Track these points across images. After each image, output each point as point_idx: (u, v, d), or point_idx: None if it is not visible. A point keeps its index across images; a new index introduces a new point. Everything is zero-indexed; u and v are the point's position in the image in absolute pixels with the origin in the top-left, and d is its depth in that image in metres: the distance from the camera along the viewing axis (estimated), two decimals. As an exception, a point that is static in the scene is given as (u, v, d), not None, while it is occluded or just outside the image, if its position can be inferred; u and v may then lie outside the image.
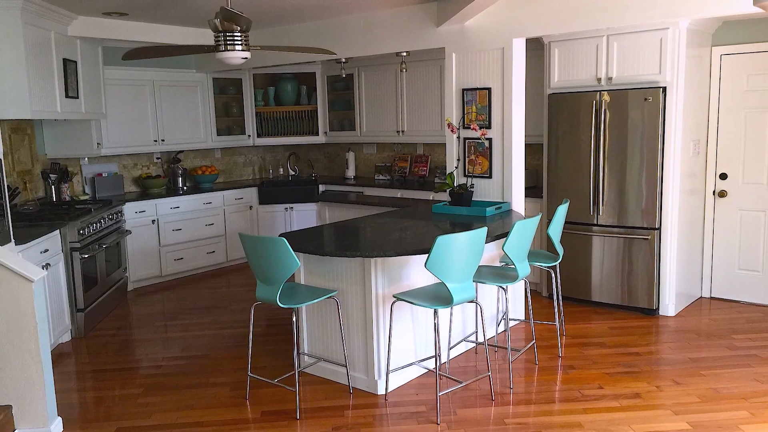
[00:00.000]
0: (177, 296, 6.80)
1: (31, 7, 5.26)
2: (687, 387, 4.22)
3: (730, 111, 5.84)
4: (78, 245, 5.51)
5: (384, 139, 7.88)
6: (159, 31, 6.79)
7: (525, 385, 4.33)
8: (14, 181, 5.95)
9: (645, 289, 5.67)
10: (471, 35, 5.54)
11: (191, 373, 4.72)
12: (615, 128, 5.62)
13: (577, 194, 5.92)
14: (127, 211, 6.90)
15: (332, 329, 4.45)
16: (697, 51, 5.58)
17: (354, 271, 4.23)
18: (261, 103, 8.53)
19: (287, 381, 4.45)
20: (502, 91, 5.44)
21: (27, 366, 3.57)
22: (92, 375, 4.76)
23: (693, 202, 5.85)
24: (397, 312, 4.32)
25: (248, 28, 4.44)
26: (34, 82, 5.33)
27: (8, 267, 3.47)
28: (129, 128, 7.32)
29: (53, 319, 5.14)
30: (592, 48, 5.68)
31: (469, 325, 5.07)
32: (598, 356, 4.77)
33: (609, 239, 5.80)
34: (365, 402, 4.14)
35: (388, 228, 4.71)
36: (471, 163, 5.71)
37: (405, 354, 4.44)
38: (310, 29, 6.74)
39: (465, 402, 4.11)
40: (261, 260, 3.87)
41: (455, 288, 3.82)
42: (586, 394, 4.15)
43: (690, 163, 5.70)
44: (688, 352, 4.82)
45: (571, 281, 6.07)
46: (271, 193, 8.14)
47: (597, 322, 5.56)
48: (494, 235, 4.40)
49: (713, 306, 5.92)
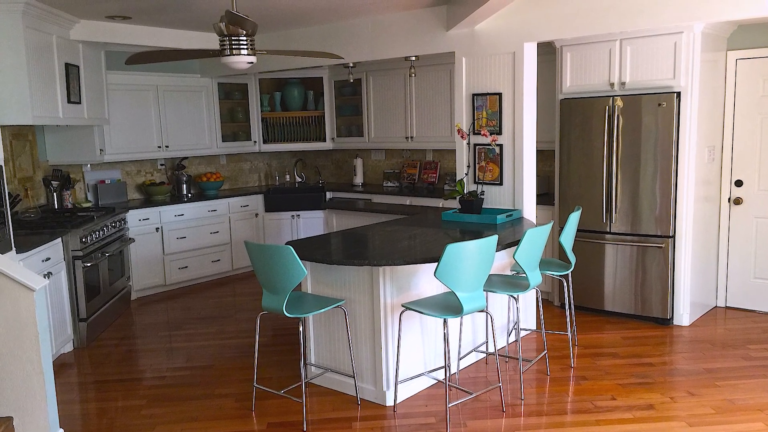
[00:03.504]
0: (181, 305, 6.79)
1: (32, 10, 5.26)
2: (702, 398, 4.19)
3: (745, 116, 5.82)
4: (80, 253, 5.51)
5: (392, 145, 7.87)
6: (163, 35, 6.79)
7: (536, 397, 4.31)
8: (15, 188, 5.93)
9: (659, 299, 5.63)
10: (481, 39, 5.53)
11: (196, 384, 4.71)
12: (628, 134, 5.60)
13: (589, 201, 5.90)
14: (130, 218, 6.88)
15: (340, 339, 4.43)
16: (712, 55, 5.56)
17: (362, 280, 4.22)
18: (267, 109, 8.54)
19: (294, 392, 4.45)
20: (513, 96, 5.43)
21: (28, 377, 3.55)
22: (95, 386, 4.76)
23: (708, 209, 5.82)
24: (405, 322, 4.30)
25: (254, 32, 4.45)
26: (35, 87, 5.32)
27: (9, 276, 3.46)
28: (132, 134, 7.31)
29: (55, 329, 5.14)
30: (605, 52, 5.66)
31: (480, 335, 5.06)
32: (611, 367, 4.75)
33: (622, 247, 5.77)
34: (373, 414, 4.12)
35: (397, 236, 4.71)
36: (481, 169, 5.70)
37: (414, 364, 4.42)
38: (317, 33, 6.75)
39: (475, 413, 4.08)
40: (267, 269, 3.86)
41: (465, 297, 3.80)
42: (599, 406, 4.12)
43: (705, 169, 5.67)
44: (703, 362, 4.80)
45: (584, 290, 6.05)
46: (277, 201, 8.13)
47: (610, 332, 5.54)
48: (505, 243, 4.40)
49: (728, 315, 5.89)
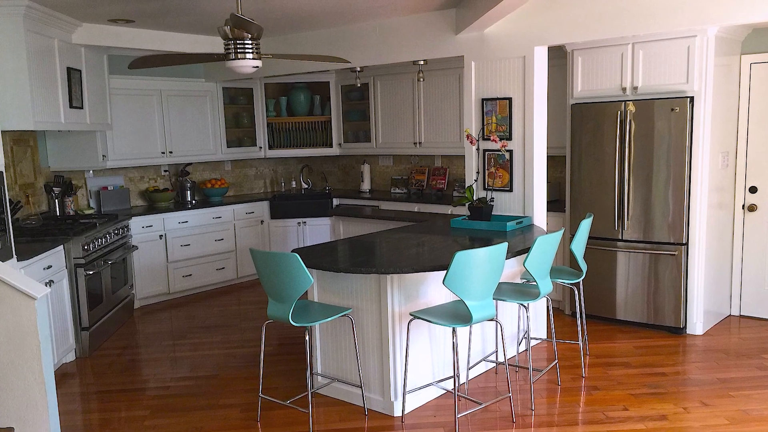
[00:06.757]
0: (185, 314, 6.77)
1: (33, 14, 5.25)
2: (715, 409, 4.16)
3: (760, 122, 5.77)
4: (82, 261, 5.48)
5: (400, 151, 7.85)
6: (167, 38, 6.79)
7: (547, 407, 4.28)
8: (16, 194, 5.92)
9: (672, 307, 5.59)
10: (491, 43, 5.51)
11: (200, 394, 4.69)
12: (640, 139, 5.57)
13: (601, 208, 5.86)
14: (133, 225, 6.85)
15: (347, 348, 4.41)
16: (726, 59, 5.53)
17: (369, 289, 4.20)
18: (273, 114, 8.53)
19: (300, 402, 4.42)
20: (523, 101, 5.41)
21: (29, 387, 3.50)
22: (97, 396, 4.73)
23: (721, 216, 5.77)
24: (414, 330, 4.28)
25: (259, 36, 4.46)
26: (36, 92, 5.32)
27: (10, 284, 3.41)
28: (135, 140, 7.29)
29: (57, 338, 5.12)
30: (617, 56, 5.64)
31: (489, 345, 5.03)
32: (622, 376, 4.73)
33: (634, 255, 5.73)
34: (381, 424, 4.09)
35: (405, 243, 4.70)
36: (491, 175, 5.68)
37: (422, 374, 4.40)
38: (323, 37, 6.73)
39: (485, 424, 4.04)
40: (273, 277, 3.85)
41: (474, 306, 3.78)
42: (611, 416, 4.09)
43: (718, 175, 5.63)
44: (717, 372, 4.76)
45: (595, 299, 6.00)
46: (283, 207, 8.10)
47: (622, 341, 5.51)
48: (515, 250, 4.39)
49: (742, 324, 5.86)
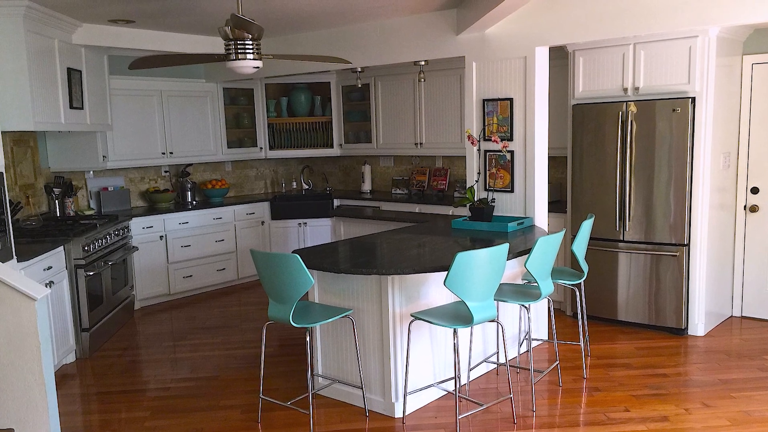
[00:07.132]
0: (186, 315, 6.75)
1: (33, 14, 5.25)
2: (717, 410, 4.15)
3: (761, 122, 5.76)
4: (83, 262, 5.47)
5: (401, 151, 7.84)
6: (167, 39, 6.78)
7: (548, 408, 4.27)
8: (16, 195, 5.91)
9: (673, 308, 5.58)
10: (492, 43, 5.49)
11: (200, 395, 4.68)
12: (642, 140, 5.56)
13: (602, 209, 5.85)
14: (133, 226, 6.84)
15: (347, 350, 4.40)
16: (728, 60, 5.51)
17: (370, 289, 4.19)
18: (273, 114, 8.52)
19: (300, 403, 4.41)
20: (524, 101, 5.40)
21: (29, 388, 3.49)
22: (97, 397, 4.72)
23: (723, 217, 5.76)
24: (414, 332, 4.27)
25: (260, 36, 4.45)
26: (37, 93, 5.31)
27: (10, 285, 3.40)
28: (136, 140, 7.28)
29: (57, 339, 5.11)
30: (618, 57, 5.63)
31: (490, 346, 5.02)
32: (624, 378, 4.72)
33: (636, 256, 5.71)
34: (382, 425, 4.08)
35: (406, 244, 4.69)
36: (492, 176, 5.67)
37: (423, 375, 4.39)
38: (324, 37, 6.72)
39: (486, 425, 4.04)
40: (273, 278, 3.85)
41: (475, 307, 3.77)
42: (612, 418, 4.08)
43: (720, 176, 5.62)
44: (718, 373, 4.75)
45: (596, 300, 5.99)
46: (283, 208, 8.09)
47: (623, 342, 5.50)
48: (516, 251, 4.38)
49: (744, 325, 5.85)
